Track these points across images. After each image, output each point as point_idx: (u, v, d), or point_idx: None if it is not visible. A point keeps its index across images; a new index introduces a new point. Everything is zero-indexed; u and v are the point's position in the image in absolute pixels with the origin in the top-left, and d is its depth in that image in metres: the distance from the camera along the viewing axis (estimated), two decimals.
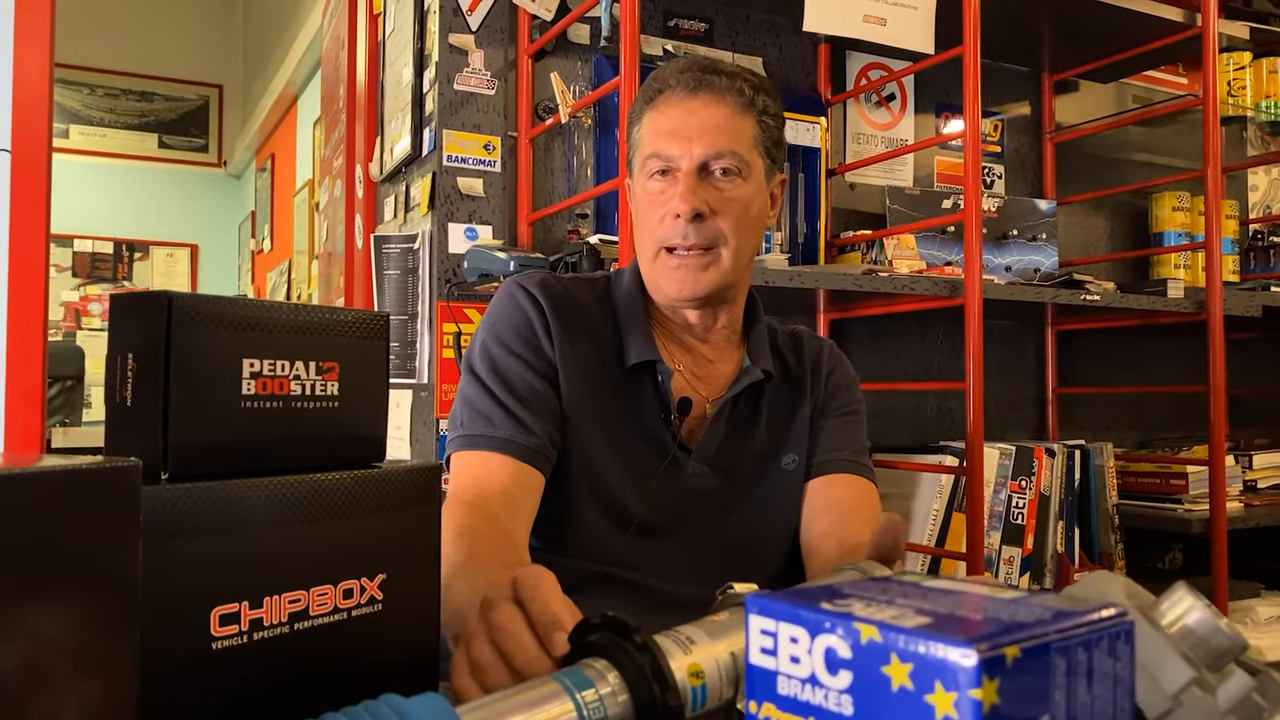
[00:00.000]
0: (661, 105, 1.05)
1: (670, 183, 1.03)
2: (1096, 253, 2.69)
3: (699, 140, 1.02)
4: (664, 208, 1.03)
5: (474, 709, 0.46)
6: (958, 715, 0.29)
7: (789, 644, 0.33)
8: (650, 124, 1.06)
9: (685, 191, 1.01)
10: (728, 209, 1.03)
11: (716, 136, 1.02)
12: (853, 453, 1.12)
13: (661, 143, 1.03)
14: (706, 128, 1.02)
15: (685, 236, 1.02)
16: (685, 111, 1.03)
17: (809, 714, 0.33)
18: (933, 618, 0.31)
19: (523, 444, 0.99)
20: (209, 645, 0.54)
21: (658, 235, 1.04)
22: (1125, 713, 0.33)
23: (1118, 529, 2.29)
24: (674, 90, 1.05)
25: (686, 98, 1.04)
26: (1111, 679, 0.32)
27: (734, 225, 1.04)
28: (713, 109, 1.03)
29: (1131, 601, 0.55)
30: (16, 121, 2.07)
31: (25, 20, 2.10)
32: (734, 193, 1.04)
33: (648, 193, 1.06)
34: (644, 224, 1.07)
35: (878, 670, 0.31)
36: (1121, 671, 0.33)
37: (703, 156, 1.02)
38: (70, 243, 6.10)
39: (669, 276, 1.04)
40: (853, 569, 0.69)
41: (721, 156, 1.02)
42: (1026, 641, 0.30)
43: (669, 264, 1.04)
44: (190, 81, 6.34)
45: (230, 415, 0.56)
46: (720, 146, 1.02)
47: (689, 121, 1.03)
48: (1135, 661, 0.52)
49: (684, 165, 1.02)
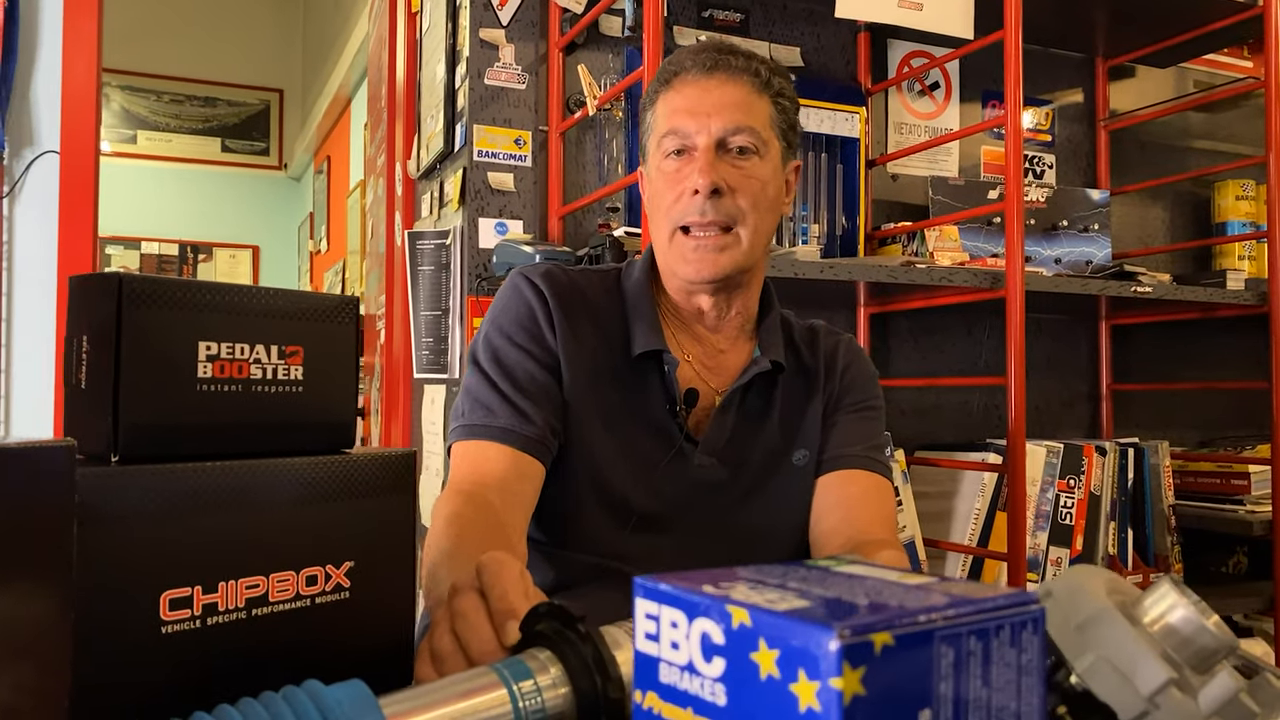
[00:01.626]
0: (678, 85, 1.04)
1: (687, 161, 1.02)
2: (1155, 244, 2.59)
3: (716, 116, 1.01)
4: (681, 185, 1.02)
5: (402, 699, 0.44)
6: (820, 707, 0.26)
7: (670, 629, 0.31)
8: (666, 104, 1.04)
9: (704, 165, 1.00)
10: (746, 186, 1.02)
11: (734, 113, 1.01)
12: (866, 449, 1.09)
13: (678, 120, 1.02)
14: (725, 104, 1.01)
15: (703, 213, 1.00)
16: (701, 90, 1.03)
17: (687, 704, 0.30)
18: (813, 602, 0.29)
19: (522, 433, 0.97)
20: (158, 629, 0.53)
21: (674, 214, 1.03)
22: (1033, 708, 0.30)
23: (1174, 530, 2.20)
24: (690, 71, 1.04)
25: (703, 77, 1.03)
26: (1015, 671, 0.29)
27: (752, 203, 1.02)
28: (729, 87, 1.02)
29: (1112, 597, 0.52)
30: (65, 124, 2.12)
31: (73, 27, 2.16)
32: (752, 170, 1.02)
33: (664, 172, 1.04)
34: (660, 205, 1.05)
35: (747, 657, 0.28)
36: (1028, 663, 0.30)
37: (720, 132, 1.01)
38: (138, 245, 6.29)
39: (685, 258, 1.02)
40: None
41: (740, 132, 1.01)
42: (902, 628, 0.27)
43: (686, 245, 1.02)
44: (252, 86, 6.49)
45: (185, 398, 0.56)
46: (739, 122, 1.01)
47: (706, 99, 1.02)
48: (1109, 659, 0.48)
49: (701, 141, 1.01)
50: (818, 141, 2.09)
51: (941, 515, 2.03)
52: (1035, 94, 2.44)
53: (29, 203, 2.10)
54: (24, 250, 2.09)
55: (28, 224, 2.09)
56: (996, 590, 0.30)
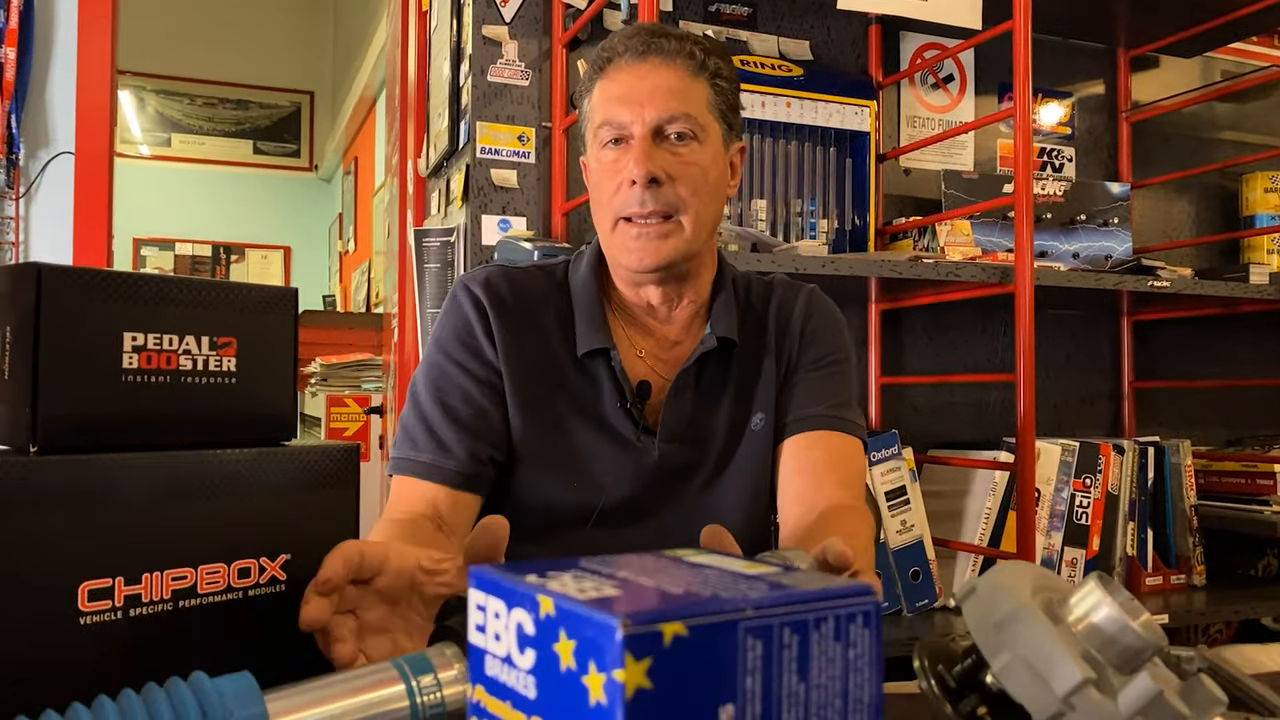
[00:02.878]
0: (611, 73, 1.02)
1: (624, 150, 1.00)
2: (1180, 238, 2.53)
3: (651, 104, 0.99)
4: (619, 176, 1.00)
5: (291, 692, 0.43)
6: (606, 700, 0.25)
7: (494, 619, 0.30)
8: (601, 92, 1.02)
9: (640, 155, 0.98)
10: (685, 174, 1.00)
11: (669, 99, 0.99)
12: (830, 407, 1.05)
13: (613, 109, 1.00)
14: (659, 91, 0.99)
15: (643, 203, 0.98)
16: (635, 76, 1.00)
17: (506, 698, 0.29)
18: (624, 591, 0.28)
19: (444, 468, 0.98)
20: (76, 620, 0.53)
21: (615, 205, 1.01)
22: (864, 705, 0.28)
23: (1196, 532, 2.15)
24: (623, 57, 1.02)
25: (636, 63, 1.01)
26: (842, 667, 0.28)
27: (693, 190, 1.00)
28: (664, 72, 1.00)
29: (1039, 595, 0.50)
30: (80, 126, 2.16)
31: (88, 30, 2.19)
32: (691, 157, 1.00)
33: (602, 163, 1.02)
34: (600, 196, 1.03)
35: (551, 648, 0.27)
36: (858, 659, 0.28)
37: (656, 120, 0.99)
38: (172, 246, 6.39)
39: (628, 248, 1.01)
40: (775, 557, 0.65)
41: (675, 120, 0.99)
42: (699, 619, 0.25)
43: (628, 234, 1.00)
44: (283, 89, 6.57)
45: (108, 389, 0.56)
46: (674, 109, 0.99)
47: (640, 86, 1.00)
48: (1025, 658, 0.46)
49: (637, 130, 0.99)
50: (826, 135, 2.07)
51: (953, 515, 1.99)
52: (1054, 85, 2.40)
53: (45, 203, 2.14)
54: (39, 250, 2.12)
55: (43, 224, 2.13)
56: (830, 582, 0.28)
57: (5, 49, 2.01)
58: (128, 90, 6.30)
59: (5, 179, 2.08)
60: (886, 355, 2.18)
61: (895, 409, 2.19)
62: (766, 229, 1.99)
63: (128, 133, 6.39)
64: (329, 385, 3.66)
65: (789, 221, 2.04)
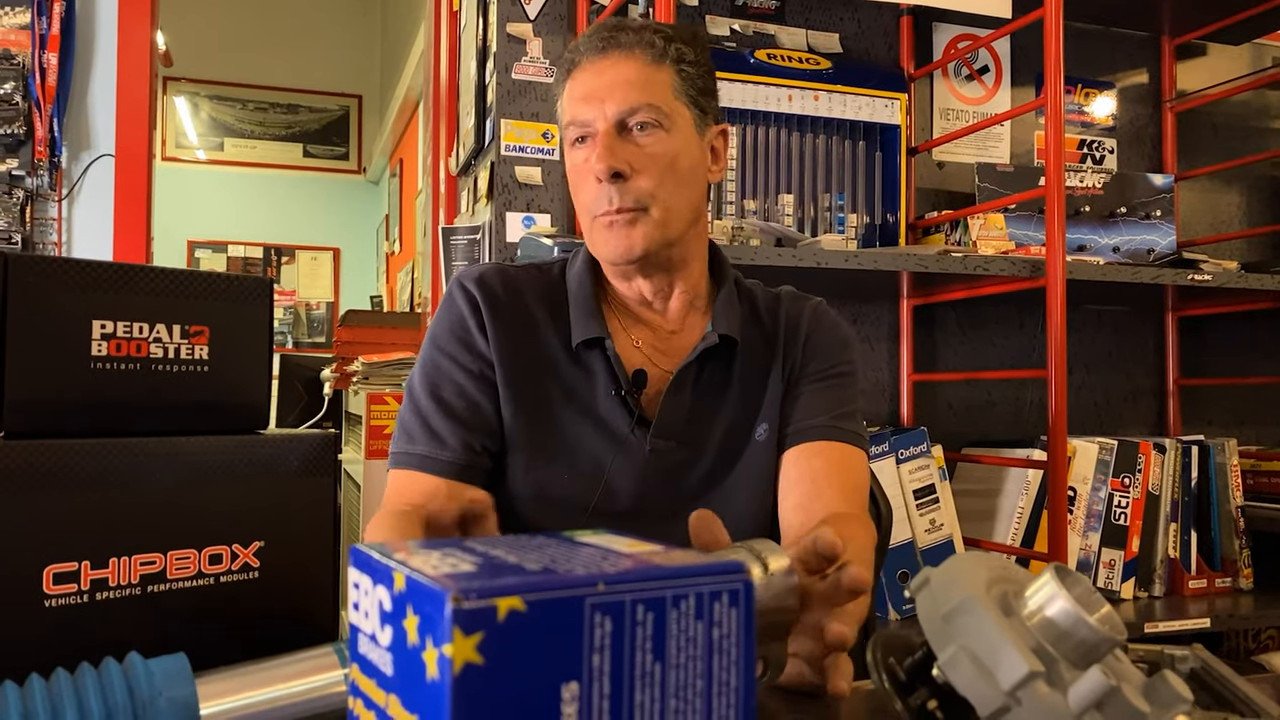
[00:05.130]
0: (575, 74, 1.03)
1: (590, 147, 1.00)
2: (1228, 231, 2.45)
3: (610, 99, 0.99)
4: (588, 174, 1.00)
5: (227, 674, 0.44)
6: (438, 675, 0.24)
7: (364, 597, 0.30)
8: (568, 94, 1.03)
9: (600, 151, 0.98)
10: (650, 165, 0.99)
11: (629, 91, 0.99)
12: (833, 418, 1.04)
13: (577, 108, 1.01)
14: (618, 85, 0.99)
15: (610, 200, 0.99)
16: (595, 73, 1.01)
17: (373, 675, 0.29)
18: (477, 567, 0.27)
19: (439, 459, 0.98)
20: (41, 603, 0.54)
21: (588, 204, 1.01)
22: (729, 688, 0.27)
23: (1242, 533, 2.08)
24: (585, 56, 1.02)
25: (596, 59, 1.01)
26: (704, 647, 0.26)
27: (659, 180, 1.00)
28: (622, 65, 1.00)
29: (995, 587, 0.48)
30: (120, 128, 2.21)
31: (128, 34, 2.24)
32: (656, 147, 0.99)
33: (573, 163, 1.03)
34: (579, 198, 1.04)
35: (401, 624, 0.27)
36: (723, 640, 0.27)
37: (616, 114, 0.99)
38: (224, 248, 6.53)
39: (604, 240, 1.01)
40: (742, 546, 0.64)
41: (636, 111, 0.99)
42: (539, 594, 0.25)
43: (601, 226, 1.01)
44: (332, 93, 6.67)
45: (76, 375, 0.57)
46: (634, 101, 0.99)
47: (599, 82, 1.00)
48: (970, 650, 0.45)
49: (599, 126, 0.99)
50: (856, 129, 2.04)
51: (985, 514, 1.95)
52: (1096, 75, 2.34)
53: (86, 205, 2.19)
54: (81, 250, 2.18)
55: (85, 225, 2.19)
56: (699, 560, 0.27)
57: (48, 55, 2.07)
58: (183, 96, 6.45)
59: (48, 181, 2.14)
60: (919, 352, 2.14)
61: (928, 407, 2.16)
62: (794, 224, 1.97)
63: (184, 138, 6.54)
64: (370, 384, 3.71)
65: (817, 217, 2.02)
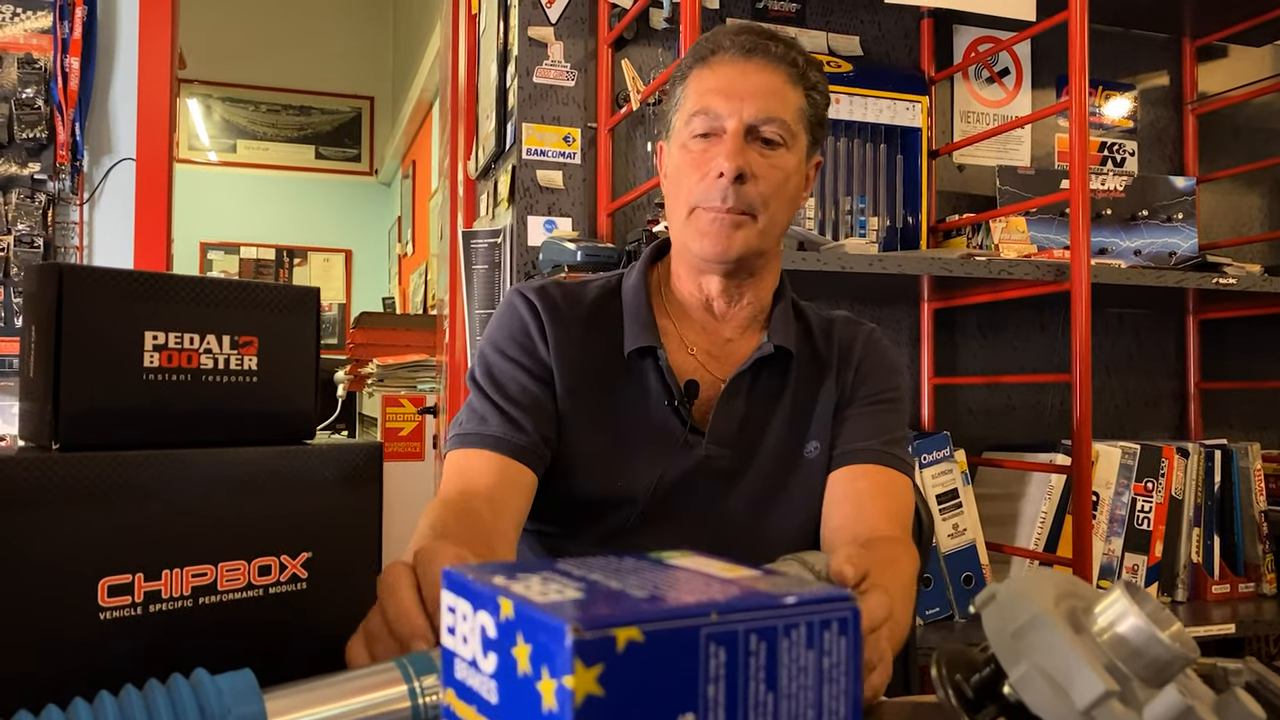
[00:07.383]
0: (714, 64, 1.02)
1: (714, 143, 1.00)
2: (1251, 234, 2.43)
3: (750, 102, 0.99)
4: (705, 167, 1.00)
5: (291, 691, 0.43)
6: (557, 707, 0.24)
7: (461, 621, 0.29)
8: (699, 81, 1.03)
9: (732, 150, 0.98)
10: (770, 176, 1.00)
11: (769, 101, 1.00)
12: (882, 443, 1.05)
13: (710, 100, 1.00)
14: (759, 91, 1.00)
15: (725, 198, 0.99)
16: (738, 72, 1.01)
17: (473, 701, 0.28)
18: (589, 595, 0.27)
19: (513, 441, 0.98)
20: (96, 615, 0.54)
21: (695, 194, 1.01)
22: (839, 717, 0.27)
23: (1266, 538, 2.06)
24: (728, 51, 1.02)
25: (740, 59, 1.01)
26: (815, 676, 0.26)
27: (774, 193, 1.01)
28: (766, 74, 1.01)
29: (1063, 603, 0.48)
30: (141, 132, 2.22)
31: (149, 38, 2.25)
32: (778, 161, 1.01)
33: (688, 151, 1.02)
34: (681, 184, 1.03)
35: (510, 652, 0.26)
36: (833, 669, 0.27)
37: (752, 119, 1.00)
38: (237, 250, 6.55)
39: (703, 232, 1.01)
40: (794, 559, 0.63)
41: (770, 122, 1.00)
42: (656, 624, 0.24)
43: (703, 219, 1.00)
44: (344, 95, 6.69)
45: (129, 386, 0.57)
46: (771, 111, 1.00)
47: (741, 82, 1.00)
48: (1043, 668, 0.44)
49: (731, 125, 1.00)
50: (876, 132, 2.03)
51: (1007, 518, 1.94)
52: (1116, 77, 2.33)
53: (107, 209, 2.20)
54: (102, 255, 2.19)
55: (106, 229, 2.20)
56: (806, 588, 0.27)
57: (70, 59, 2.07)
58: (195, 99, 6.47)
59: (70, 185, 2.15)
60: (940, 355, 2.13)
61: (950, 411, 2.15)
62: (815, 228, 1.96)
63: (196, 140, 6.56)
64: (385, 386, 3.71)
65: (838, 220, 2.01)
